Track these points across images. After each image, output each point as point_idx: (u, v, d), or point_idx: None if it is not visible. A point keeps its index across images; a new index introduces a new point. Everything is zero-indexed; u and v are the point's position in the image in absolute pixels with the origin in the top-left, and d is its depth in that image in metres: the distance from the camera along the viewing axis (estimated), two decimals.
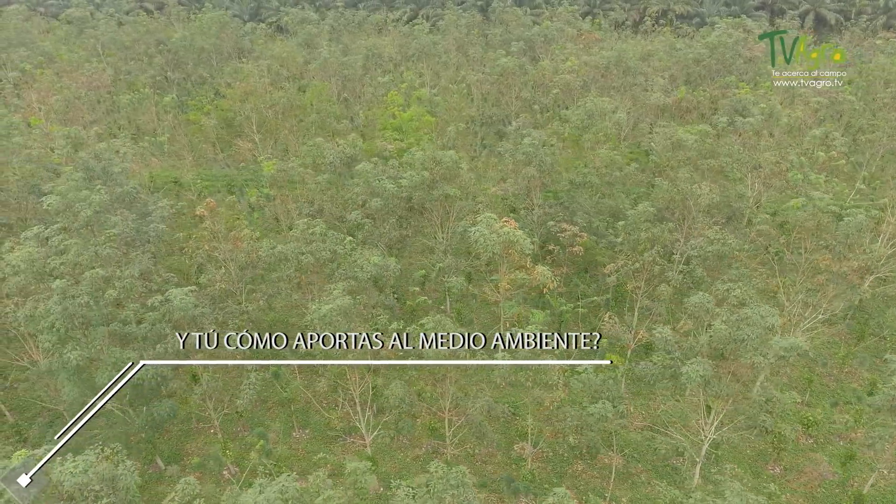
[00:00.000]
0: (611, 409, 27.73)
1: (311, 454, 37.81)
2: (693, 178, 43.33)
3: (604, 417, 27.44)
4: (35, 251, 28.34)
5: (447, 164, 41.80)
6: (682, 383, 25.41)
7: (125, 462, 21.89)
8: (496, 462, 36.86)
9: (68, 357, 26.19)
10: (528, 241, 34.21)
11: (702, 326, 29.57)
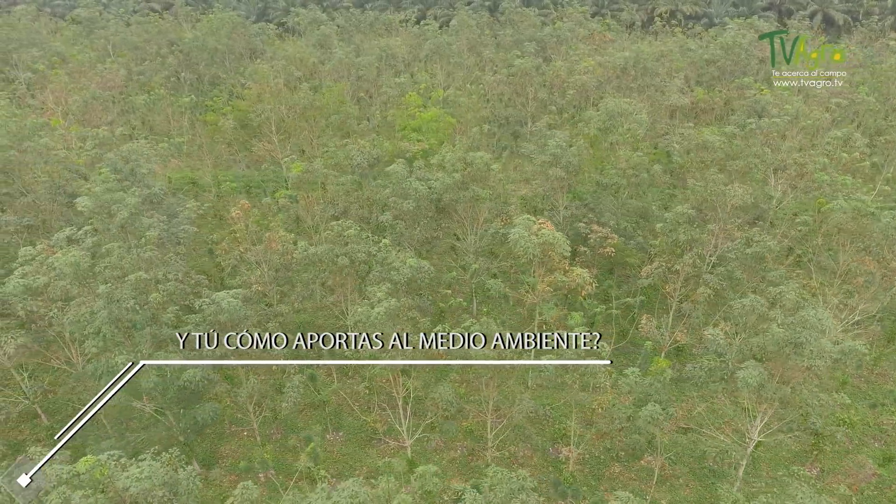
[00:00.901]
0: (660, 411, 27.65)
1: (346, 457, 37.69)
2: (721, 179, 43.31)
3: (654, 420, 27.35)
4: (79, 255, 28.14)
5: (478, 165, 41.72)
6: (738, 387, 25.26)
7: (185, 467, 21.72)
8: (533, 464, 36.82)
9: (115, 361, 26.00)
10: (566, 242, 34.12)
11: (746, 329, 29.47)
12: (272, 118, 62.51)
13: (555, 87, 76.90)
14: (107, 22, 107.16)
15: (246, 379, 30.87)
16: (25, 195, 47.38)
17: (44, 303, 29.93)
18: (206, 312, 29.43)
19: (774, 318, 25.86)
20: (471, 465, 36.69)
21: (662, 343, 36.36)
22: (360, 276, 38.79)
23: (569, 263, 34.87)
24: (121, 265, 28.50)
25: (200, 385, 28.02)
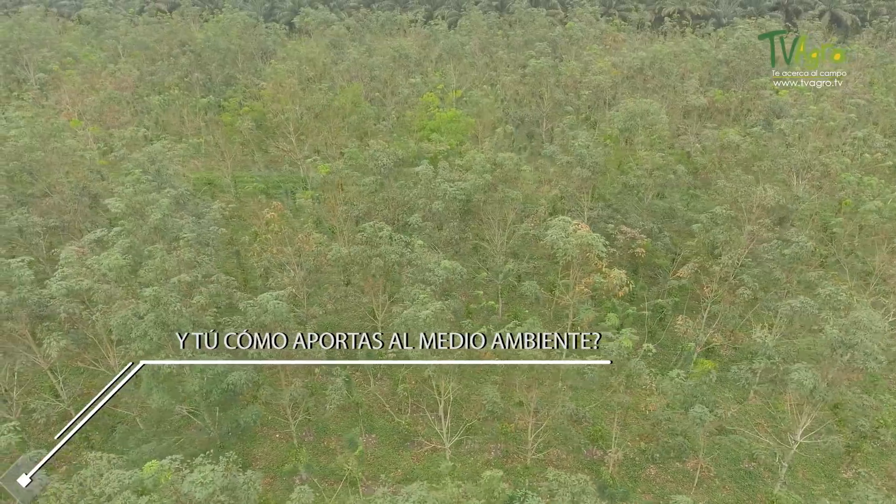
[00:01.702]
0: (708, 413, 27.58)
1: (380, 459, 37.53)
2: (751, 180, 43.30)
3: (702, 422, 27.28)
4: (122, 258, 27.97)
5: (508, 166, 41.64)
6: (789, 389, 25.18)
7: (245, 472, 21.59)
8: (568, 466, 36.72)
9: (165, 365, 25.83)
10: (603, 243, 34.05)
11: (792, 330, 29.40)
12: (290, 119, 62.30)
13: (569, 88, 76.81)
14: (116, 22, 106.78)
15: (288, 382, 30.68)
16: (49, 196, 47.19)
17: (84, 305, 29.76)
18: (248, 314, 29.30)
19: (826, 319, 25.75)
20: (506, 468, 36.56)
21: (697, 344, 36.29)
22: (392, 277, 38.68)
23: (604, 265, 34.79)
24: (164, 267, 28.33)
25: (244, 388, 27.83)
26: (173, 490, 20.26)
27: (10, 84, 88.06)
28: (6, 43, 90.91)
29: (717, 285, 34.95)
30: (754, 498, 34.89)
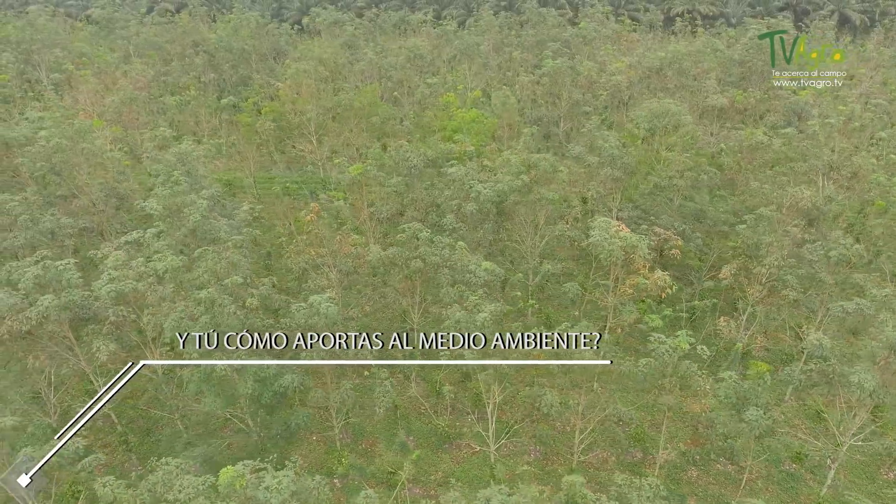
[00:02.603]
0: (763, 416, 27.45)
1: (419, 461, 37.32)
2: (785, 181, 43.24)
3: (758, 425, 27.14)
4: (177, 260, 27.72)
5: (543, 167, 41.48)
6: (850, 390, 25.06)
7: (313, 476, 21.38)
8: (609, 468, 36.56)
9: (220, 367, 25.60)
10: (647, 245, 33.94)
11: (845, 331, 29.27)
12: (312, 119, 62.07)
13: (586, 88, 76.62)
14: (126, 23, 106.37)
15: (334, 384, 30.47)
16: (76, 197, 46.88)
17: (130, 307, 29.52)
18: (296, 316, 29.08)
19: (885, 321, 25.62)
20: (546, 470, 36.43)
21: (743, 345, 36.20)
22: (428, 279, 38.47)
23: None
24: (215, 269, 28.09)
25: (295, 390, 27.62)
26: (245, 496, 20.04)
27: (21, 84, 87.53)
28: (19, 43, 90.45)
29: (761, 286, 34.82)
30: (797, 500, 34.76)
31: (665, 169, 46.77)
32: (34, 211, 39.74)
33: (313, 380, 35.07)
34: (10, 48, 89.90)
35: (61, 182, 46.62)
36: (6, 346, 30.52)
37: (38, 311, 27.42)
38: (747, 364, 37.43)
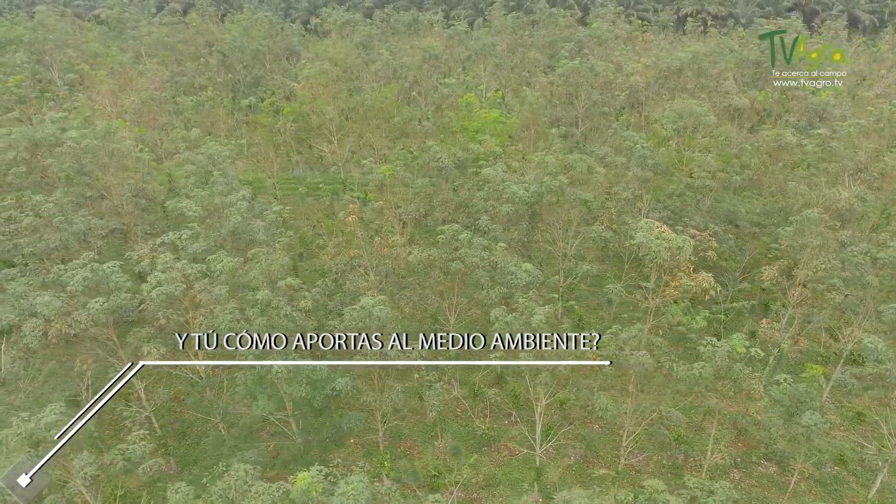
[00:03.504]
0: (820, 420, 27.25)
1: (459, 464, 37.06)
2: (818, 182, 43.10)
3: (817, 429, 26.94)
4: (233, 262, 27.41)
5: (580, 168, 41.28)
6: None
7: (383, 482, 21.09)
8: (650, 471, 36.37)
9: (276, 369, 25.31)
10: (692, 246, 33.71)
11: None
12: (333, 119, 61.79)
13: (604, 89, 76.39)
14: (136, 23, 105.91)
15: (386, 387, 30.20)
16: (104, 198, 46.58)
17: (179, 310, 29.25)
18: (346, 318, 28.81)
19: None
20: (586, 473, 36.20)
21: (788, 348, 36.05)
22: (469, 281, 38.19)
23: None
24: (269, 270, 27.81)
25: (348, 393, 27.36)
26: (319, 503, 19.77)
27: (34, 85, 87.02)
28: (31, 43, 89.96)
29: (804, 288, 34.65)
30: (842, 503, 34.63)
31: (697, 170, 46.54)
32: (67, 212, 39.39)
33: (376, 383, 34.78)
34: (23, 48, 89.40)
35: (89, 183, 46.30)
36: (49, 349, 30.15)
37: (89, 314, 27.10)
38: (782, 366, 37.35)
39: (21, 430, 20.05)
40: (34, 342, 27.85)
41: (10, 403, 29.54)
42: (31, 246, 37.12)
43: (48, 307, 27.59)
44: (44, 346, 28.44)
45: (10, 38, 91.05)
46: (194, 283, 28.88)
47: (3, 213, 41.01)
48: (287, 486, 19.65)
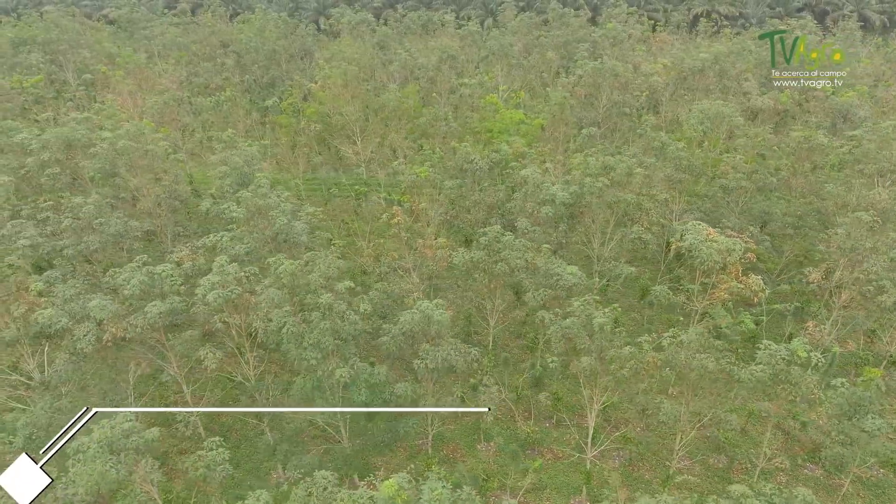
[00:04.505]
0: (883, 424, 27.09)
1: (503, 468, 36.83)
2: (859, 182, 42.99)
3: (879, 432, 26.78)
4: (293, 264, 27.11)
5: (621, 170, 41.12)
6: None
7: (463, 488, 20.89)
8: (697, 473, 36.20)
9: (340, 374, 25.06)
10: (742, 249, 33.62)
11: None
12: (357, 120, 61.52)
13: (623, 89, 76.22)
14: (149, 23, 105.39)
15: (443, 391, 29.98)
16: (136, 199, 46.24)
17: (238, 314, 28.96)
18: (402, 323, 28.59)
19: None
20: (634, 476, 36.01)
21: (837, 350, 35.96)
22: (513, 284, 38.02)
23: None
24: (329, 274, 27.53)
25: (409, 399, 27.15)
26: None
27: (49, 85, 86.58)
28: (45, 44, 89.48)
29: (854, 290, 34.52)
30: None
31: (732, 171, 46.41)
32: (105, 214, 39.10)
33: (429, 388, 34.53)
34: (37, 49, 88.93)
35: (119, 184, 45.97)
36: (98, 352, 29.85)
37: (146, 318, 26.82)
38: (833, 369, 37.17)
39: (101, 436, 19.76)
40: (88, 346, 27.54)
41: (58, 409, 29.11)
42: (71, 248, 36.78)
43: (103, 311, 27.28)
44: (96, 349, 28.12)
45: (24, 38, 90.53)
46: (248, 286, 28.58)
47: (40, 215, 40.73)
48: (369, 492, 19.39)
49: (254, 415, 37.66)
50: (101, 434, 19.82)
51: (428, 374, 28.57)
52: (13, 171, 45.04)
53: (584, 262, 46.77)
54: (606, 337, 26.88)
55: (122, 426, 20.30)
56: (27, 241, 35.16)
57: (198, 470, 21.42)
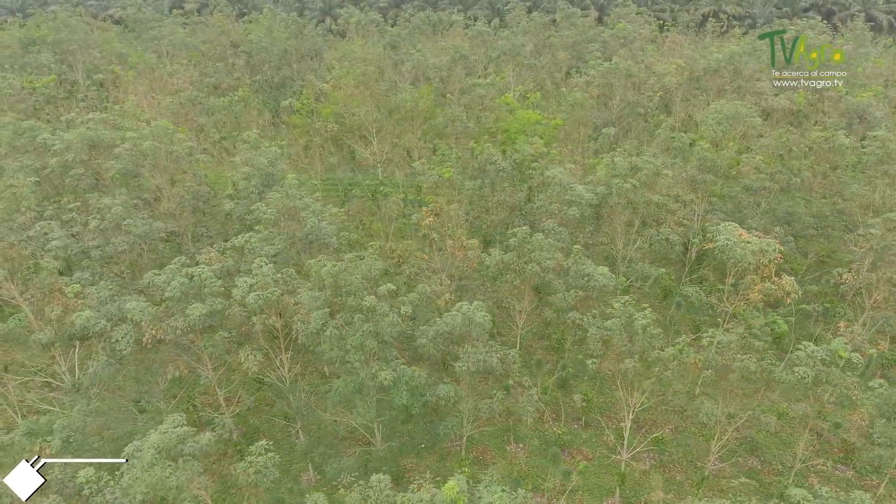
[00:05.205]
0: None
1: (535, 469, 36.73)
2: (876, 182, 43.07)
3: None
4: (337, 265, 26.98)
5: (649, 171, 41.05)
6: None
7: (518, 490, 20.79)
8: (726, 475, 36.15)
9: (384, 376, 24.94)
10: (776, 250, 33.53)
11: None
12: (374, 120, 61.40)
13: (637, 90, 76.14)
14: (157, 23, 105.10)
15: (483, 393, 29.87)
16: (158, 200, 46.07)
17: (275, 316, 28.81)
18: (440, 325, 28.48)
19: None
20: (665, 478, 35.92)
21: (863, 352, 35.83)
22: (539, 285, 37.86)
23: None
24: (370, 275, 27.40)
25: (450, 400, 27.03)
26: None
27: (59, 85, 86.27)
28: (55, 44, 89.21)
29: (886, 291, 34.48)
30: None
31: (755, 172, 46.37)
32: (132, 215, 38.95)
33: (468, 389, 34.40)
34: (47, 49, 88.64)
35: (141, 184, 45.79)
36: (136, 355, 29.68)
37: (187, 320, 26.67)
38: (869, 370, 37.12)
39: (156, 441, 19.60)
40: (127, 348, 27.39)
41: (93, 411, 28.98)
42: (99, 249, 36.60)
43: (143, 313, 27.13)
44: (135, 352, 27.97)
45: (34, 38, 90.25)
46: (285, 286, 28.45)
47: (65, 216, 40.54)
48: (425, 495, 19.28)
49: (283, 416, 37.56)
50: (156, 439, 19.65)
51: (467, 376, 28.43)
52: (35, 171, 44.83)
53: (607, 263, 46.68)
54: (648, 338, 26.77)
55: (175, 431, 20.13)
56: (59, 243, 34.97)
57: (249, 476, 21.24)
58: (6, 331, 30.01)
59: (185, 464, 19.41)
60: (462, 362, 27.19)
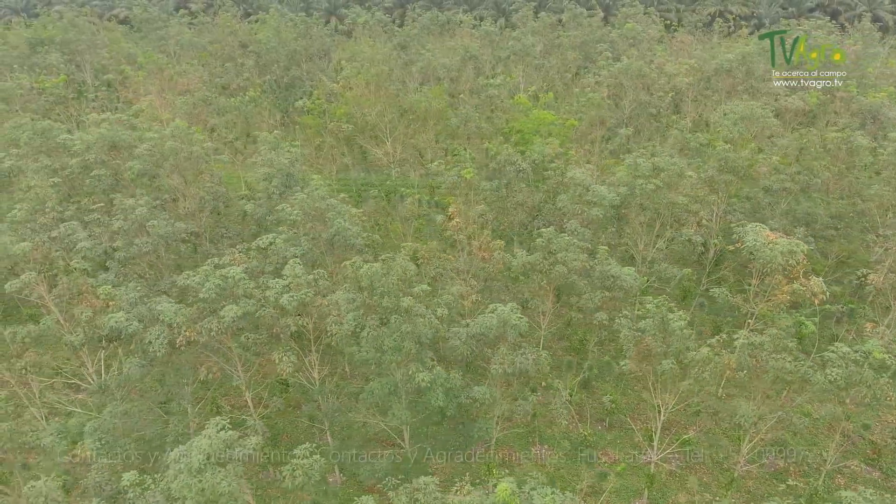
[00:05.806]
0: None
1: (560, 470, 36.69)
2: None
3: None
4: (374, 266, 26.87)
5: (672, 171, 41.01)
6: None
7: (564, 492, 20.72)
8: (754, 476, 36.13)
9: (421, 378, 24.85)
10: (804, 251, 33.52)
11: None
12: (388, 120, 61.32)
13: (647, 90, 76.09)
14: (164, 23, 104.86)
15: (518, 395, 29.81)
16: (176, 201, 45.94)
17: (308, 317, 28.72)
18: (475, 327, 28.40)
19: None
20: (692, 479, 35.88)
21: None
22: (563, 286, 37.80)
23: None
24: (406, 277, 27.32)
25: (486, 402, 26.96)
26: None
27: (68, 85, 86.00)
28: (63, 44, 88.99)
29: None
30: None
31: (775, 172, 46.36)
32: (156, 215, 38.84)
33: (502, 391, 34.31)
34: (55, 49, 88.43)
35: (159, 185, 45.64)
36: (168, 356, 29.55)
37: (221, 322, 26.56)
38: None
39: (204, 446, 19.47)
40: (160, 350, 27.29)
41: (124, 413, 28.88)
42: (124, 250, 36.48)
43: (177, 315, 27.02)
44: (168, 353, 27.88)
45: (42, 38, 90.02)
46: (318, 288, 28.37)
47: (87, 217, 40.40)
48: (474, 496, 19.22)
49: (308, 417, 37.46)
50: (204, 444, 19.50)
51: (501, 378, 28.37)
52: (54, 172, 44.68)
53: (627, 263, 46.64)
54: (683, 339, 26.72)
55: (220, 436, 20.00)
56: (87, 244, 34.83)
57: (296, 479, 21.13)
58: (38, 332, 29.89)
59: (235, 468, 19.28)
60: (496, 364, 27.09)
